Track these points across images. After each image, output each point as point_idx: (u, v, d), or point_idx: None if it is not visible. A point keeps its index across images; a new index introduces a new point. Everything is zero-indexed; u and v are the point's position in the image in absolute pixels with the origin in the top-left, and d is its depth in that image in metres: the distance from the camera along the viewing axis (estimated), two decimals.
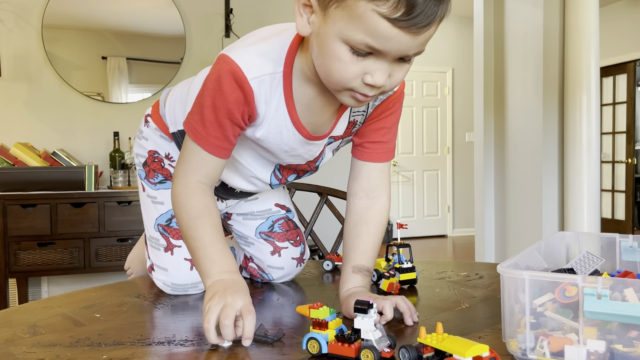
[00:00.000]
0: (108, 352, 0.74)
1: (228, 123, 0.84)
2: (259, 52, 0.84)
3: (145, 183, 1.11)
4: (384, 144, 0.97)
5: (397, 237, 1.30)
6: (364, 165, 0.98)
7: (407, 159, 6.63)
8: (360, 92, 0.78)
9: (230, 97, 0.82)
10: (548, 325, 0.65)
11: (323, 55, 0.76)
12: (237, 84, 0.82)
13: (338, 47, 0.74)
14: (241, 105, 0.83)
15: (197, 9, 3.49)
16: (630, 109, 6.32)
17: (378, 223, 0.98)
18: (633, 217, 6.38)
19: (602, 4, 5.93)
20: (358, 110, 0.94)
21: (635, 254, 0.91)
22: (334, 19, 0.72)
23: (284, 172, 1.03)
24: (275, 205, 1.18)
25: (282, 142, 0.91)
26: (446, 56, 6.69)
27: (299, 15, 0.78)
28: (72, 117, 3.32)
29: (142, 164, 1.13)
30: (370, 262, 0.95)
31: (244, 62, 0.82)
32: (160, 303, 1.01)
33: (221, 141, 0.86)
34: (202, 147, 0.86)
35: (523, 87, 3.67)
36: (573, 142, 3.35)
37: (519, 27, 3.70)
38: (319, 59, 0.78)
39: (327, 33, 0.74)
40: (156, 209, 1.10)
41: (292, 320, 0.88)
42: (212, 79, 0.83)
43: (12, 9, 3.20)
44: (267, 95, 0.85)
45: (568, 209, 3.39)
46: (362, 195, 0.98)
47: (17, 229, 2.77)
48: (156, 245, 1.09)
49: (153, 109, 1.13)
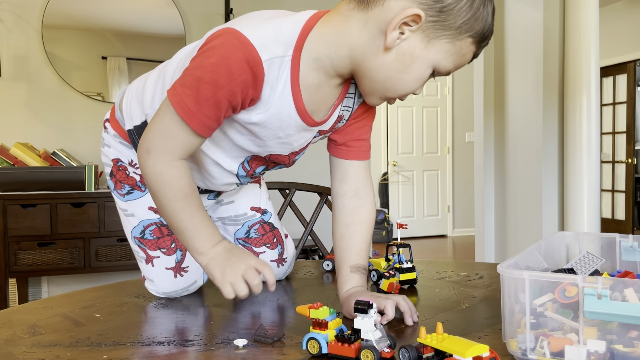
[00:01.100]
0: (108, 352, 0.74)
1: (226, 104, 0.79)
2: (272, 32, 0.79)
3: (115, 195, 1.08)
4: (366, 141, 0.98)
5: (397, 237, 1.30)
6: (351, 165, 0.98)
7: (407, 159, 6.63)
8: (395, 98, 0.85)
9: (238, 78, 0.76)
10: (548, 326, 0.65)
11: (405, 71, 0.80)
12: (248, 65, 0.76)
13: (426, 70, 0.80)
14: (247, 87, 0.78)
15: (197, 9, 3.49)
16: (630, 109, 6.32)
17: (369, 221, 0.98)
18: (633, 217, 6.37)
19: (602, 4, 5.93)
20: (347, 106, 0.94)
21: (635, 254, 0.91)
22: (438, 48, 0.78)
23: (253, 163, 0.99)
24: (251, 209, 1.17)
25: (280, 128, 0.87)
26: None
27: (394, 29, 0.77)
28: (72, 117, 3.32)
29: (109, 175, 1.09)
30: (365, 260, 0.96)
31: (260, 42, 0.77)
32: (160, 303, 1.01)
33: (212, 121, 0.81)
34: (190, 125, 0.80)
35: (523, 87, 3.67)
36: (573, 142, 3.35)
37: (519, 27, 3.70)
38: (399, 73, 0.80)
39: (423, 56, 0.79)
40: (129, 222, 1.07)
41: (292, 320, 0.88)
42: (219, 54, 0.76)
43: (12, 9, 3.20)
44: (275, 78, 0.80)
45: (568, 209, 3.39)
46: (351, 195, 0.98)
47: (17, 229, 2.77)
48: (138, 257, 1.08)
49: (110, 114, 1.08)
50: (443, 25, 0.76)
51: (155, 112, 0.85)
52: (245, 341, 0.77)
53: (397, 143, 6.58)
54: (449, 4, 0.75)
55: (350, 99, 0.93)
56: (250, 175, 1.02)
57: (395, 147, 6.58)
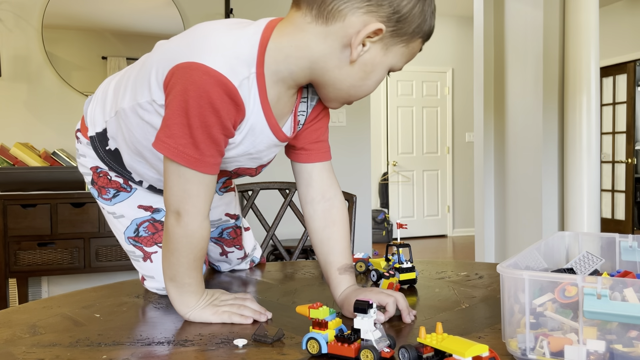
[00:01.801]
0: (108, 352, 0.74)
1: (222, 137, 0.82)
2: (233, 54, 0.79)
3: (101, 201, 1.08)
4: (323, 142, 0.99)
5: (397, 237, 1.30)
6: (314, 168, 0.98)
7: (407, 159, 6.63)
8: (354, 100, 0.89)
9: (223, 111, 0.78)
10: (548, 325, 0.65)
11: (367, 78, 0.85)
12: (228, 96, 0.78)
13: (384, 74, 0.86)
14: (232, 114, 0.80)
15: (197, 9, 3.49)
16: (630, 109, 6.32)
17: (343, 220, 0.99)
18: (633, 217, 6.37)
19: (602, 4, 5.94)
20: (302, 110, 0.95)
21: (635, 254, 0.91)
22: (393, 54, 0.84)
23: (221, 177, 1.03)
24: (225, 215, 1.22)
25: (252, 144, 0.89)
26: (446, 56, 6.69)
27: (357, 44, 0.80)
28: (72, 117, 3.32)
29: (90, 183, 1.08)
30: (349, 259, 0.97)
31: (226, 69, 0.77)
32: (160, 303, 1.01)
33: (216, 158, 0.83)
34: (201, 171, 0.82)
35: (523, 87, 3.67)
36: (573, 142, 3.35)
37: (519, 27, 3.70)
38: (362, 80, 0.85)
39: (382, 62, 0.84)
40: (120, 223, 1.07)
41: (292, 320, 0.88)
42: (196, 95, 0.77)
43: (12, 9, 3.20)
44: (246, 98, 0.82)
45: (568, 209, 3.39)
46: (319, 199, 0.98)
47: (17, 229, 2.77)
48: (135, 257, 1.08)
49: (81, 123, 1.07)
50: (399, 33, 0.82)
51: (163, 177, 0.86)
52: (245, 341, 0.77)
53: (397, 143, 6.58)
54: (405, 14, 0.80)
55: (304, 104, 0.95)
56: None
57: (395, 147, 6.58)
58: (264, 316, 0.89)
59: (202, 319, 0.89)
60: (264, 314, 0.89)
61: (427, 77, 6.63)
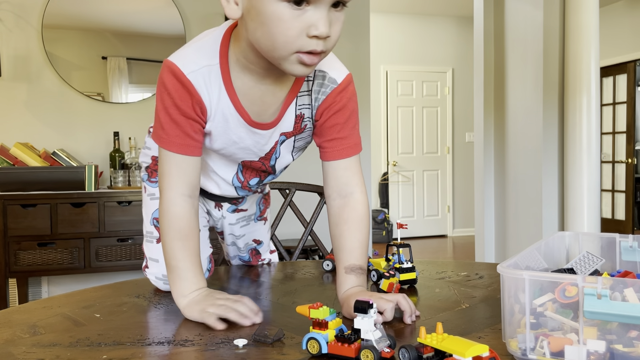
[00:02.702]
0: (108, 352, 0.74)
1: (182, 119, 0.90)
2: (193, 49, 0.90)
3: (147, 184, 1.18)
4: (341, 140, 0.97)
5: (397, 237, 1.30)
6: (329, 166, 0.98)
7: (407, 159, 6.63)
8: (306, 51, 0.79)
9: (174, 93, 0.88)
10: (548, 325, 0.65)
11: (263, 23, 0.79)
12: (176, 79, 0.88)
13: (275, 6, 0.76)
14: (186, 98, 0.88)
15: (197, 9, 3.49)
16: (630, 109, 6.32)
17: (356, 219, 0.97)
18: (633, 217, 6.38)
19: (602, 4, 5.93)
20: (304, 103, 0.96)
21: (635, 254, 0.91)
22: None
23: (247, 174, 1.08)
24: (253, 241, 1.34)
25: (230, 130, 0.94)
26: (446, 56, 6.69)
27: (226, 2, 0.82)
28: (72, 117, 3.32)
29: (145, 168, 1.19)
30: (360, 260, 0.95)
31: (180, 60, 0.89)
32: (160, 303, 1.01)
33: (182, 138, 0.90)
34: (169, 149, 0.91)
35: (523, 87, 3.67)
36: (573, 142, 3.35)
37: (519, 27, 3.70)
38: (259, 30, 0.80)
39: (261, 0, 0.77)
40: (153, 204, 1.14)
41: (292, 320, 0.88)
42: (158, 84, 0.90)
43: (12, 9, 3.20)
44: (208, 86, 0.89)
45: (568, 209, 3.39)
46: (335, 196, 0.98)
47: (17, 229, 2.77)
48: (150, 238, 1.15)
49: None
50: None
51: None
52: (245, 341, 0.77)
53: (397, 143, 6.58)
54: None
55: (306, 97, 0.95)
56: (245, 186, 1.11)
57: (395, 147, 6.58)
58: (255, 318, 0.86)
59: (190, 315, 0.88)
60: (254, 317, 0.86)
61: (427, 77, 6.63)
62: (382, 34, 6.40)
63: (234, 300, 0.88)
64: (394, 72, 6.51)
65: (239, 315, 0.85)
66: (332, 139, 0.97)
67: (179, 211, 0.92)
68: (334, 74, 0.95)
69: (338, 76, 0.95)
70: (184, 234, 0.92)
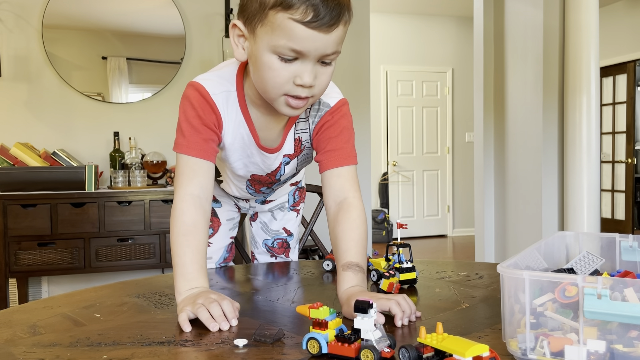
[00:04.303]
0: (108, 352, 0.74)
1: (203, 128, 0.99)
2: (215, 75, 1.03)
3: None
4: (334, 151, 1.05)
5: (397, 237, 1.31)
6: (325, 176, 1.05)
7: (407, 159, 6.63)
8: (292, 95, 0.91)
9: (198, 107, 0.99)
10: (548, 325, 0.65)
11: (258, 69, 0.92)
12: (201, 96, 0.99)
13: (268, 57, 0.89)
14: (208, 111, 1.00)
15: (197, 9, 3.49)
16: (630, 109, 6.32)
17: (350, 219, 1.00)
18: (633, 217, 6.38)
19: (602, 4, 5.93)
20: (301, 128, 1.08)
21: (635, 254, 0.91)
22: (261, 36, 0.88)
23: (255, 185, 1.23)
24: (283, 229, 1.45)
25: (245, 146, 1.07)
26: (446, 56, 6.69)
27: (235, 45, 0.95)
28: (72, 117, 3.32)
29: None
30: (356, 257, 0.96)
31: (205, 82, 1.01)
32: (160, 303, 1.01)
33: (201, 144, 0.99)
34: (187, 154, 0.98)
35: (523, 87, 3.67)
36: (573, 142, 3.35)
37: (519, 27, 3.70)
38: (255, 74, 0.94)
39: (258, 50, 0.89)
40: None
41: (292, 320, 0.88)
42: (183, 101, 1.01)
43: (12, 9, 3.20)
44: (226, 108, 1.02)
45: (568, 209, 3.39)
46: (331, 204, 1.04)
47: (17, 229, 2.77)
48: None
49: None
50: (249, 17, 0.90)
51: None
52: (245, 341, 0.77)
53: (397, 143, 6.58)
54: (243, 1, 0.91)
55: (304, 122, 1.08)
56: (259, 192, 1.27)
57: (395, 147, 6.58)
58: (224, 324, 0.83)
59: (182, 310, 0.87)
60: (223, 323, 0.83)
61: (427, 77, 6.63)
62: (382, 34, 6.40)
63: (211, 300, 0.86)
64: (393, 72, 6.51)
65: (208, 318, 0.83)
66: (327, 151, 1.05)
67: (186, 207, 0.97)
68: (328, 99, 1.06)
69: (332, 101, 1.06)
70: (187, 229, 0.95)
